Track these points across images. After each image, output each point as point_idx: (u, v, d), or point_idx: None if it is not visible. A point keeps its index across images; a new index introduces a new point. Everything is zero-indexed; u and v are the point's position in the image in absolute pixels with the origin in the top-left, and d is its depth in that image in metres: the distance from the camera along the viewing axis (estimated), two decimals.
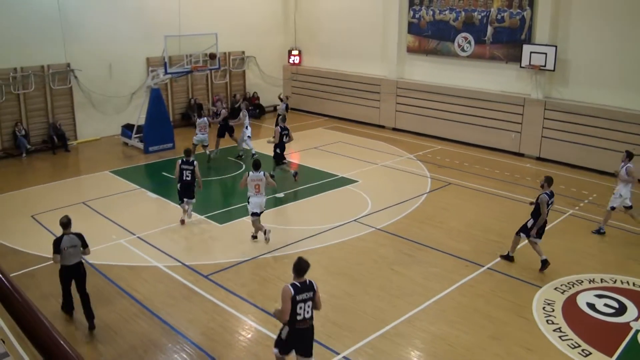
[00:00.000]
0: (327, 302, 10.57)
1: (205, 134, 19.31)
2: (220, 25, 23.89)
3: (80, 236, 9.75)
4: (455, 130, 22.56)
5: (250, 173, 12.95)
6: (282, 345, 7.85)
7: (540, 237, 11.90)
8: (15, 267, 11.77)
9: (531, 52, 19.87)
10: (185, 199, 14.18)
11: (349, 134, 24.10)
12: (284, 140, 17.54)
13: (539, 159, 20.44)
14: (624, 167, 13.66)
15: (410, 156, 20.68)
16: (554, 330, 9.67)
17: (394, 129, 24.74)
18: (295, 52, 28.65)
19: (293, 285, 7.55)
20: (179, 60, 22.58)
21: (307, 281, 7.67)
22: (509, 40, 21.01)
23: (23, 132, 20.56)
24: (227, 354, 8.99)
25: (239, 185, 14.02)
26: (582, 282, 11.45)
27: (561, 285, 11.31)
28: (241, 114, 20.27)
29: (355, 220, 14.58)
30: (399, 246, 13.04)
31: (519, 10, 20.50)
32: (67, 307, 10.10)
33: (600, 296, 10.88)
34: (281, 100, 24.03)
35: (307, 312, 7.65)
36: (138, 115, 21.87)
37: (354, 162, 19.60)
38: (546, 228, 12.06)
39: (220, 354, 8.99)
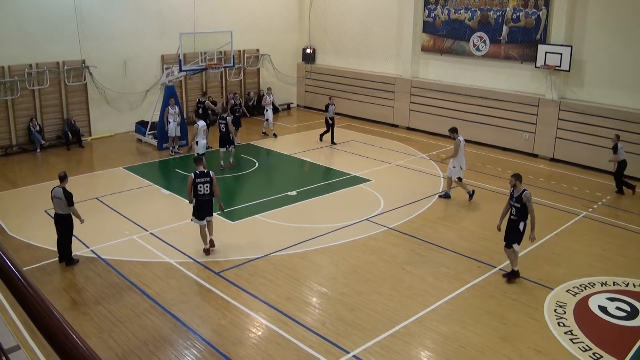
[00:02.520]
0: (338, 300, 10.60)
1: (205, 139, 18.36)
2: (235, 23, 24.01)
3: (65, 191, 11.43)
4: (469, 130, 22.45)
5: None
6: (195, 213, 12.24)
7: (520, 242, 11.37)
8: (28, 261, 11.90)
9: (546, 52, 19.77)
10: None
11: (362, 132, 24.09)
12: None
13: (552, 159, 20.33)
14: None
15: (423, 156, 20.64)
16: (565, 333, 9.62)
17: (408, 128, 24.70)
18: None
19: (195, 173, 12.02)
20: (193, 57, 22.66)
21: (206, 171, 12.08)
22: (524, 40, 20.91)
23: (38, 128, 20.74)
24: (238, 351, 9.02)
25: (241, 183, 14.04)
26: (594, 284, 11.37)
27: (573, 287, 11.24)
28: (266, 99, 22.74)
29: (367, 219, 14.58)
30: (410, 246, 13.03)
31: (534, 10, 20.39)
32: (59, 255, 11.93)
33: (612, 299, 10.80)
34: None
35: (206, 190, 12.01)
36: (152, 112, 21.98)
37: (367, 161, 19.58)
38: (560, 230, 11.98)
39: (230, 351, 9.02)
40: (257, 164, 19.37)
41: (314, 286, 11.22)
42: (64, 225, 11.72)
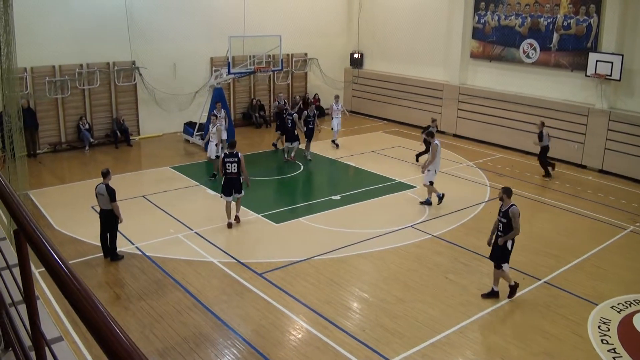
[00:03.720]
0: (378, 306, 10.53)
1: (215, 142, 18.17)
2: (284, 26, 24.13)
3: (108, 187, 11.60)
4: (517, 138, 22.13)
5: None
6: (223, 190, 13.75)
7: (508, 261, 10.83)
8: (73, 255, 12.18)
9: (597, 61, 19.32)
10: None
11: (408, 138, 23.93)
12: None
13: (601, 171, 19.84)
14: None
15: (470, 163, 20.39)
16: (609, 351, 9.35)
17: (455, 135, 24.45)
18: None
19: (225, 153, 13.78)
20: (242, 60, 22.88)
21: (235, 152, 13.53)
22: (574, 48, 20.49)
23: (87, 126, 21.21)
24: (277, 353, 9.04)
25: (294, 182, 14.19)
26: None
27: (618, 304, 10.93)
28: (332, 107, 22.43)
29: (411, 226, 14.47)
30: (454, 254, 12.87)
31: (585, 17, 19.97)
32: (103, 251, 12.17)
33: None
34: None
35: (234, 169, 13.50)
36: (200, 114, 22.26)
37: (412, 168, 19.44)
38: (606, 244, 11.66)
39: (270, 352, 9.05)
40: (302, 167, 19.43)
41: (355, 291, 11.18)
42: (108, 221, 11.91)
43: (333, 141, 22.33)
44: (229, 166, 13.56)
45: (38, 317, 2.66)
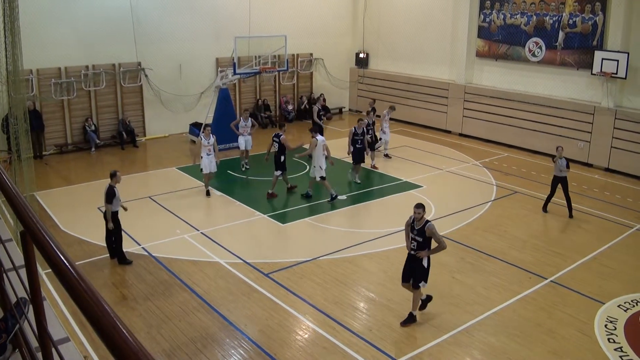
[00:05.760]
0: (385, 306, 10.52)
1: (208, 155, 16.20)
2: (289, 27, 24.13)
3: (108, 188, 11.64)
4: (523, 137, 22.07)
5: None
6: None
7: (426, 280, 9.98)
8: (80, 256, 12.22)
9: (603, 59, 19.24)
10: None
11: (414, 138, 23.90)
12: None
13: (607, 169, 19.76)
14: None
15: (476, 163, 20.35)
16: (615, 350, 9.31)
17: (461, 135, 24.41)
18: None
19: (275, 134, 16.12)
20: (247, 61, 22.89)
21: (279, 133, 16.04)
22: (580, 46, 20.42)
23: (93, 127, 21.26)
24: (284, 353, 9.04)
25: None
26: None
27: (625, 302, 10.88)
28: (385, 116, 20.36)
29: None
30: (461, 254, 12.84)
31: (591, 16, 19.90)
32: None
33: None
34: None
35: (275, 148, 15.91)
36: (206, 114, 22.28)
37: (418, 167, 19.42)
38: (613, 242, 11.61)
39: (277, 352, 9.05)
40: (307, 167, 19.41)
41: (362, 291, 11.18)
42: (114, 223, 11.89)
43: (386, 154, 20.59)
44: (274, 145, 16.24)
45: (45, 318, 2.66)
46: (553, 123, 21.14)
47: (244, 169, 19.02)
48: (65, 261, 2.08)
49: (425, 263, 9.76)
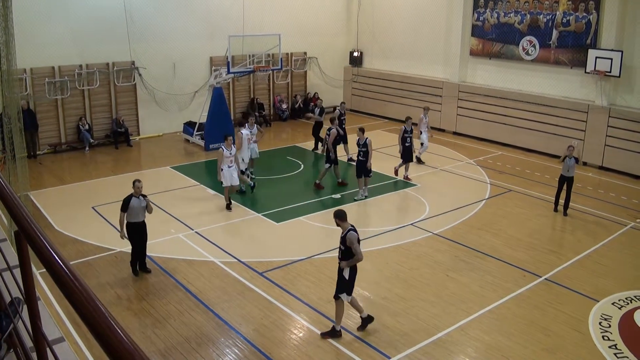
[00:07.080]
0: (380, 305, 10.53)
1: (230, 166, 15.02)
2: (283, 25, 24.13)
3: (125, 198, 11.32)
4: (517, 135, 22.12)
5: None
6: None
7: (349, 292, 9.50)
8: (74, 256, 12.19)
9: (596, 57, 19.30)
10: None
11: None
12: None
13: (601, 168, 19.82)
14: None
15: (470, 161, 20.38)
16: (610, 347, 9.36)
17: (455, 133, 24.44)
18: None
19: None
20: (241, 60, 22.86)
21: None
22: (574, 45, 20.48)
23: (87, 127, 21.19)
24: (279, 352, 9.05)
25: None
26: None
27: (619, 300, 10.92)
28: (422, 120, 19.63)
29: (412, 224, 14.47)
30: (455, 252, 12.87)
31: (584, 14, 19.95)
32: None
33: None
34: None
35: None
36: (200, 113, 22.25)
37: (412, 166, 19.41)
38: (607, 240, 11.66)
39: (272, 351, 9.06)
40: (302, 166, 19.43)
41: (357, 290, 11.14)
42: (143, 234, 11.55)
43: (418, 158, 19.88)
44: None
45: (39, 318, 2.66)
46: (547, 121, 21.20)
47: (250, 179, 16.88)
48: (59, 261, 2.08)
49: (346, 274, 9.26)
